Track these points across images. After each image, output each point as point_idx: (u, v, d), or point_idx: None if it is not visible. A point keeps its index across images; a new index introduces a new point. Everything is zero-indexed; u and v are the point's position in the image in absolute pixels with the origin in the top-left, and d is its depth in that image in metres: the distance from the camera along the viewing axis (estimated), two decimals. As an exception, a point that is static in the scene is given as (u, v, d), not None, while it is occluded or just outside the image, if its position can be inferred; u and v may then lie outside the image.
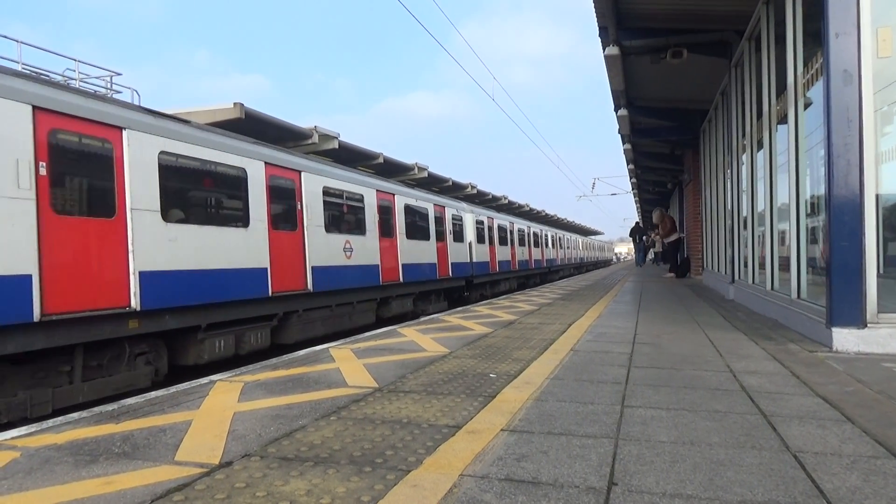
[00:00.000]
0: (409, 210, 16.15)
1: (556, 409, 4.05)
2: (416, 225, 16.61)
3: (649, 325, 8.32)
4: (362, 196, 13.60)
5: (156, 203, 7.88)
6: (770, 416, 3.81)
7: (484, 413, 3.97)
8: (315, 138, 13.65)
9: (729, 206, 13.59)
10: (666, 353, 6.18)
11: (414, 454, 3.21)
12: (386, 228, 14.69)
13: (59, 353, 6.80)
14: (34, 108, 6.50)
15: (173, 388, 5.06)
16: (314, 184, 11.64)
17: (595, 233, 79.77)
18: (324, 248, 11.71)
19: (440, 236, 18.30)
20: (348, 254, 12.63)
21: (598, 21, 11.20)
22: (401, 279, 15.16)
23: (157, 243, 7.79)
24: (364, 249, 13.35)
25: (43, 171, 6.50)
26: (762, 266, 9.94)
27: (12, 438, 3.72)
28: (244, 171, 9.73)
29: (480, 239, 22.35)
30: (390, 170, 17.94)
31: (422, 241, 16.73)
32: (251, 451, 3.34)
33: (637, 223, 42.29)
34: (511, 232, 27.22)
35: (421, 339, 7.53)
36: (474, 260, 21.36)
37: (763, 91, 9.45)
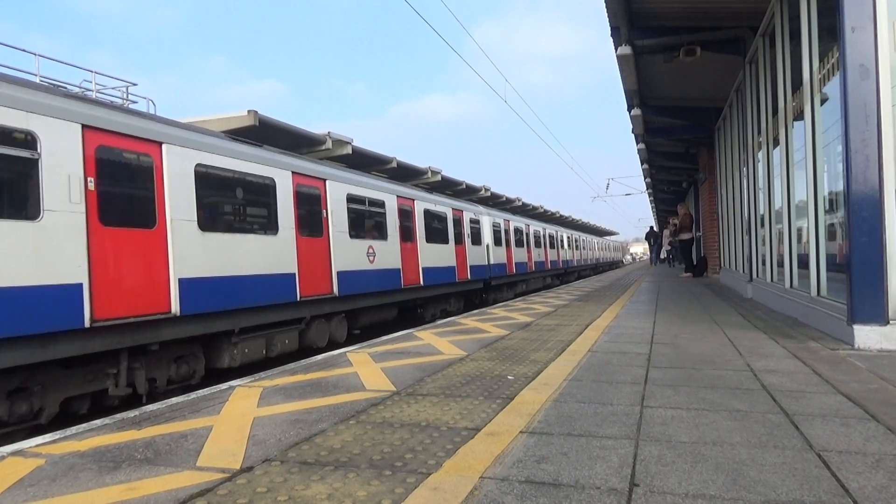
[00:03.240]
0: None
1: (575, 410, 4.03)
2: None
3: (667, 325, 8.27)
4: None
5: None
6: (792, 415, 3.77)
7: (503, 415, 3.96)
8: (328, 144, 13.73)
9: (745, 204, 13.48)
10: (685, 352, 6.13)
11: (433, 457, 3.21)
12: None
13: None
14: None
15: (194, 394, 5.10)
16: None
17: (610, 233, 79.43)
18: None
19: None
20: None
21: (609, 21, 11.16)
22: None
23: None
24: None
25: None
26: (780, 264, 9.84)
27: (37, 446, 3.77)
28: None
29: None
30: (404, 174, 17.98)
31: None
32: (271, 455, 3.36)
33: (651, 227, 44.52)
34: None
35: (438, 342, 7.54)
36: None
37: (778, 87, 9.37)
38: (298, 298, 10.24)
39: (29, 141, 6.35)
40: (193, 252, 8.13)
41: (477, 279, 19.93)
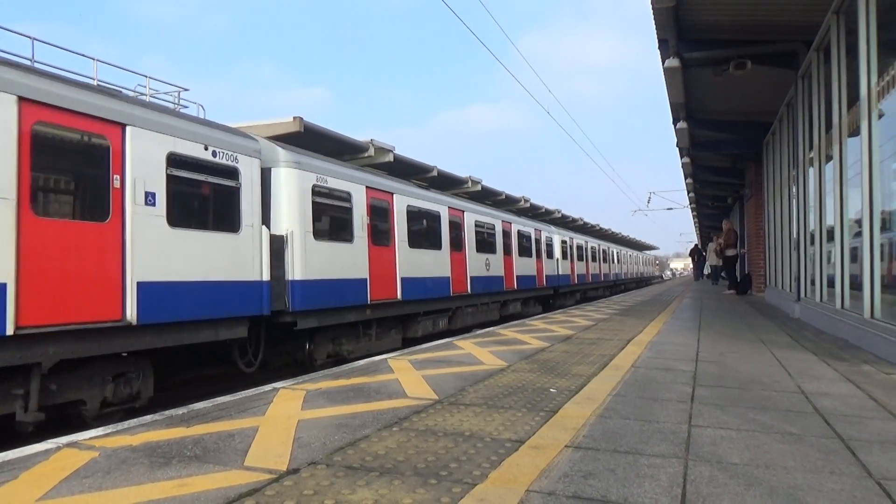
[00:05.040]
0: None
1: (621, 426, 3.97)
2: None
3: (712, 343, 8.10)
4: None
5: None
6: (848, 441, 3.65)
7: (546, 428, 3.92)
8: (371, 151, 13.85)
9: (794, 222, 13.15)
10: (732, 371, 6.00)
11: (478, 468, 3.19)
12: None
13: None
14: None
15: (239, 395, 5.18)
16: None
17: (650, 248, 78.36)
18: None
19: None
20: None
21: (657, 33, 11.05)
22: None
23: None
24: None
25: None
26: (831, 284, 9.56)
27: (90, 439, 3.87)
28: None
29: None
30: (444, 183, 18.03)
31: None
32: (317, 458, 3.38)
33: (696, 245, 44.92)
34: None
35: (478, 351, 7.52)
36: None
37: (833, 102, 9.14)
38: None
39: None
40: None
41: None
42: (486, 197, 21.35)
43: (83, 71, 8.34)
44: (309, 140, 11.65)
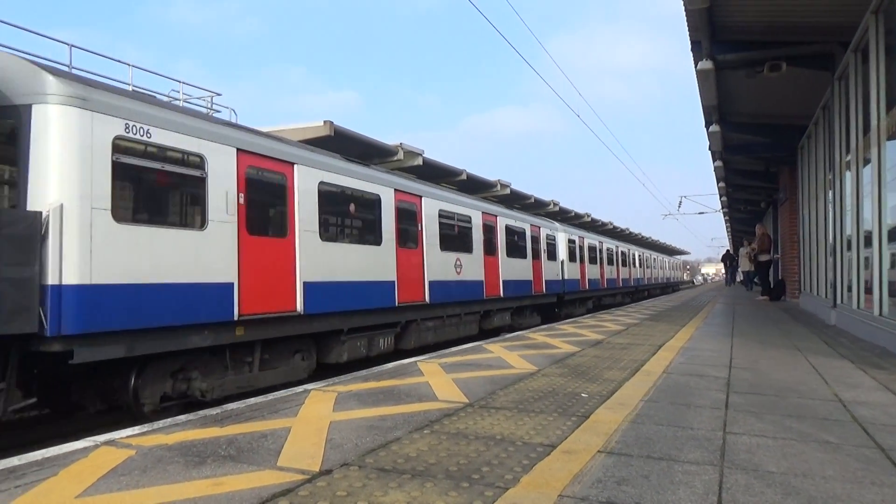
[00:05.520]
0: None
1: (654, 432, 3.93)
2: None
3: (745, 350, 7.97)
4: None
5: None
6: (889, 451, 3.56)
7: (578, 433, 3.90)
8: (400, 155, 13.93)
9: (830, 226, 12.88)
10: (766, 378, 5.89)
11: (510, 472, 3.18)
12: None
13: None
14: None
15: (271, 396, 5.24)
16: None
17: (681, 252, 77.41)
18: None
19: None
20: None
21: (690, 35, 10.92)
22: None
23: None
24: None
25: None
26: (868, 290, 9.34)
27: (127, 437, 3.95)
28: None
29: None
30: (473, 186, 18.04)
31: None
32: (349, 460, 3.40)
33: (728, 250, 44.28)
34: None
35: (507, 355, 7.49)
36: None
37: (871, 105, 8.93)
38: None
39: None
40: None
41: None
42: (515, 201, 21.30)
43: (119, 76, 8.56)
44: (339, 144, 11.75)
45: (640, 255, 38.88)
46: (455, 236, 13.97)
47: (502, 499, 2.81)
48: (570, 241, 23.05)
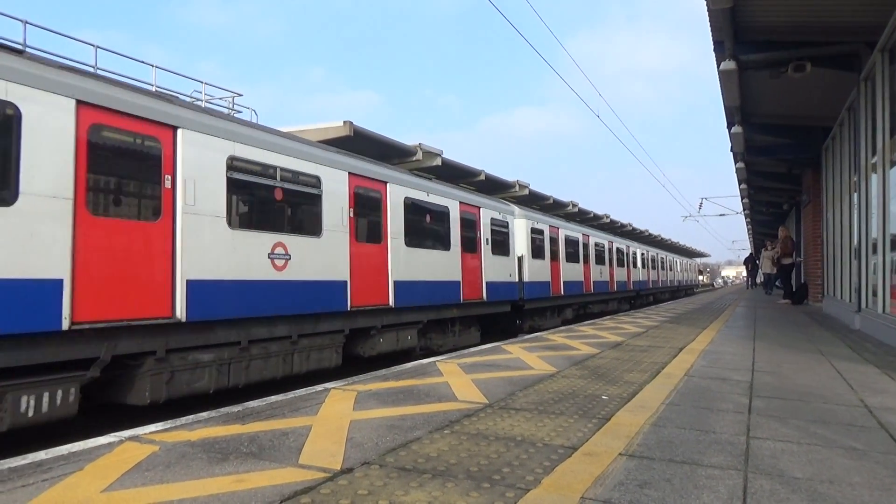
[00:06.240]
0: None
1: (676, 435, 3.89)
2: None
3: (768, 353, 7.87)
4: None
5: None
6: (918, 458, 3.50)
7: (599, 436, 3.87)
8: (419, 155, 13.94)
9: (855, 229, 12.68)
10: (790, 383, 5.81)
11: (532, 473, 3.17)
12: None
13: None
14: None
15: (291, 394, 5.27)
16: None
17: (701, 255, 76.73)
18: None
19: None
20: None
21: (713, 35, 10.81)
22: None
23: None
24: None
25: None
26: (895, 294, 9.19)
27: (150, 433, 3.99)
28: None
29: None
30: (492, 187, 18.01)
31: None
32: (370, 459, 3.41)
33: (750, 253, 44.44)
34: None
35: (527, 356, 7.47)
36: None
37: (898, 106, 8.79)
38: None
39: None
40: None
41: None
42: (534, 201, 21.24)
43: (142, 77, 8.67)
44: (358, 144, 11.79)
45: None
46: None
47: (524, 500, 2.80)
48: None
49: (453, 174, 15.74)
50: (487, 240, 14.58)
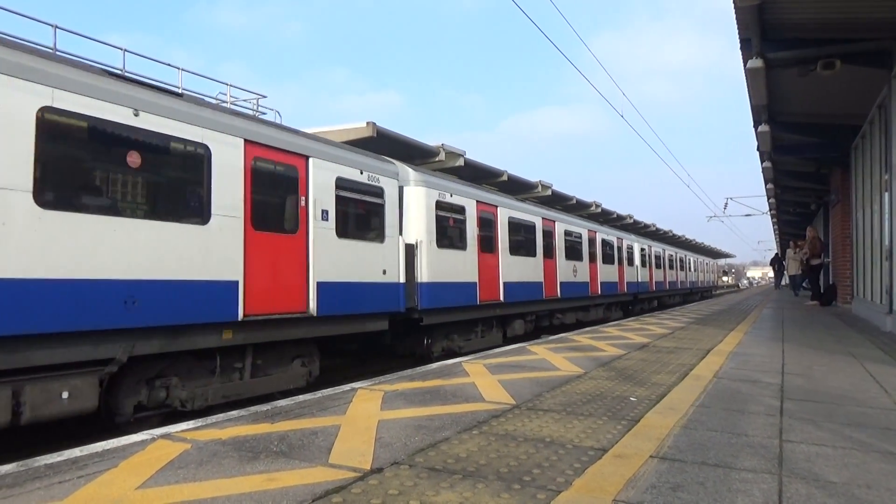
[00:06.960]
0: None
1: (707, 438, 3.85)
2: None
3: (797, 355, 7.75)
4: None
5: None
6: (958, 463, 3.42)
7: (629, 437, 3.84)
8: (442, 156, 13.94)
9: (886, 229, 12.43)
10: (821, 385, 5.72)
11: (562, 475, 3.15)
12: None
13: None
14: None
15: (319, 393, 5.30)
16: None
17: (727, 256, 75.85)
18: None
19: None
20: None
21: (739, 33, 10.67)
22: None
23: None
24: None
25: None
26: (928, 295, 8.99)
27: (183, 431, 4.04)
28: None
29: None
30: (514, 187, 17.95)
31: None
32: (399, 459, 3.42)
33: (776, 254, 43.53)
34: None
35: (553, 357, 7.44)
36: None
37: (932, 103, 8.60)
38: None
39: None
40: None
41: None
42: (557, 202, 21.13)
43: (168, 79, 8.82)
44: (381, 144, 11.83)
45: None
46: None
47: (555, 502, 2.79)
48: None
49: (476, 174, 15.72)
50: (325, 212, 8.72)
